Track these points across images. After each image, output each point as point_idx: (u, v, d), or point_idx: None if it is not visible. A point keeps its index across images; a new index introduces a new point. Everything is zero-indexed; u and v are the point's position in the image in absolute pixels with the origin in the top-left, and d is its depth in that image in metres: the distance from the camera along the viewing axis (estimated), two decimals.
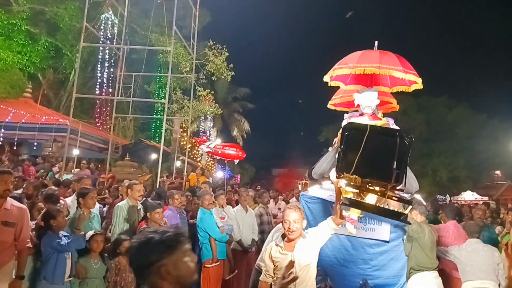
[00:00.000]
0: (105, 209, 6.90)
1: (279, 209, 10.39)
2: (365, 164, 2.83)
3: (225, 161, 12.57)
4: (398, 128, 4.29)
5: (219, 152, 11.47)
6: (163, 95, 19.08)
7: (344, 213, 3.15)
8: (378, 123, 3.92)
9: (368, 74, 4.40)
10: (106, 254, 4.58)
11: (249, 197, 7.45)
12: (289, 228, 3.19)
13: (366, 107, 4.10)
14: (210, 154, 18.04)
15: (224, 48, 16.11)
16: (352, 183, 2.89)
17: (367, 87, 4.57)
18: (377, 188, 2.91)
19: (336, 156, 3.22)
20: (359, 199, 2.99)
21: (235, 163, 18.23)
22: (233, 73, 16.82)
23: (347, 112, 5.07)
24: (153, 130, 23.39)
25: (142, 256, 1.68)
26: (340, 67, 4.36)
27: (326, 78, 4.61)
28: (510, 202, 20.25)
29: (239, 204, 7.03)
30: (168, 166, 15.14)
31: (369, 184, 2.88)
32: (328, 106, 5.86)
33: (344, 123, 4.57)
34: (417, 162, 21.71)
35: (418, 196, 5.31)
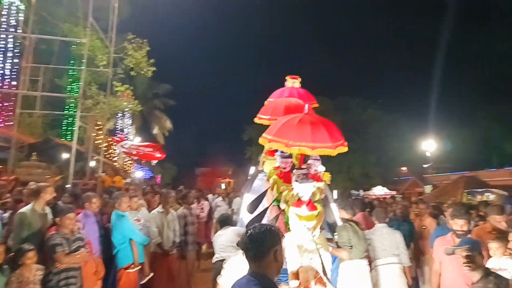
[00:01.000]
0: (6, 215, 6.14)
1: (202, 209, 10.22)
2: None
3: (142, 161, 12.06)
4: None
5: (134, 152, 10.94)
6: (76, 89, 17.74)
7: None
8: (314, 213, 4.37)
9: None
10: (6, 266, 4.07)
11: (172, 198, 7.20)
12: None
13: (304, 196, 4.42)
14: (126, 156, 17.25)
15: (145, 42, 15.44)
16: None
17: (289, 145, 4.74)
18: None
19: None
20: None
21: (152, 164, 17.60)
22: (154, 68, 16.17)
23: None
24: (64, 128, 21.62)
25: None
26: (276, 140, 4.63)
27: (262, 142, 4.88)
28: (414, 196, 22.23)
29: (160, 206, 6.76)
30: (81, 167, 14.12)
31: None
32: (256, 121, 5.97)
33: (277, 161, 5.15)
34: (334, 159, 22.82)
35: (335, 192, 5.89)
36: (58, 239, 4.29)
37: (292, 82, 6.21)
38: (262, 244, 2.20)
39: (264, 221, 4.67)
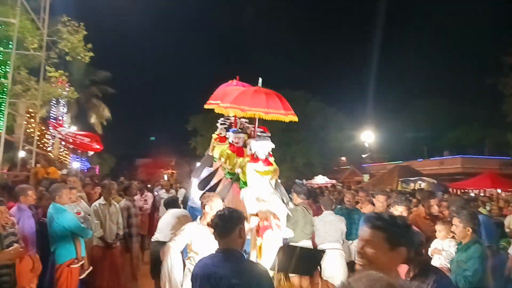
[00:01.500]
0: None
1: (146, 200, 9.91)
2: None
3: (79, 151, 11.41)
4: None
5: (71, 140, 10.28)
6: (2, 74, 16.28)
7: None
8: (270, 169, 4.73)
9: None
10: None
11: (115, 190, 6.89)
12: None
13: (261, 154, 4.69)
14: (63, 143, 16.18)
15: (82, 26, 14.48)
16: None
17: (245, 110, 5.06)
18: None
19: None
20: None
21: (89, 155, 16.67)
22: (91, 54, 15.24)
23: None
24: None
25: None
26: (232, 107, 4.94)
27: (218, 110, 5.36)
28: (353, 184, 23.26)
29: (101, 198, 6.43)
30: (11, 157, 13.06)
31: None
32: (206, 107, 6.16)
33: (228, 136, 5.60)
34: (277, 150, 23.18)
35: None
36: None
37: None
38: (229, 222, 2.62)
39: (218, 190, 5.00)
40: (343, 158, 33.58)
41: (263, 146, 4.71)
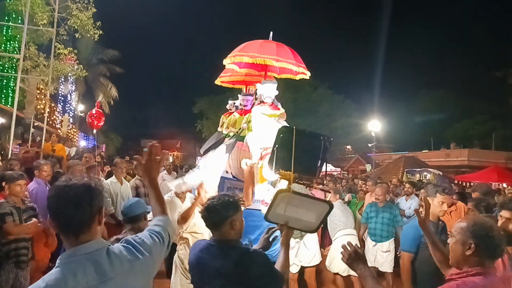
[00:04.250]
0: None
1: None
2: (296, 162, 3.20)
3: (94, 130, 11.41)
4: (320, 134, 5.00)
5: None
6: (11, 49, 16.22)
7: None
8: (277, 112, 4.53)
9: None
10: None
11: (125, 168, 6.93)
12: None
13: (267, 97, 4.51)
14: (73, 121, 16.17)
15: (91, 3, 14.35)
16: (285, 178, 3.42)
17: (259, 71, 5.11)
18: (305, 181, 3.67)
19: (271, 156, 3.66)
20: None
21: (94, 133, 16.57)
22: (101, 32, 15.13)
23: (230, 89, 6.05)
24: None
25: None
26: (241, 54, 4.73)
27: (226, 61, 4.98)
28: (357, 172, 23.31)
29: (113, 176, 6.48)
30: (21, 133, 13.12)
31: (298, 178, 3.41)
32: (216, 82, 6.04)
33: (237, 102, 5.35)
34: None
35: None
36: (7, 208, 3.97)
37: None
38: (218, 214, 2.32)
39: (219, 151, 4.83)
40: (349, 147, 33.53)
41: (269, 89, 4.59)
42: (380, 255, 5.71)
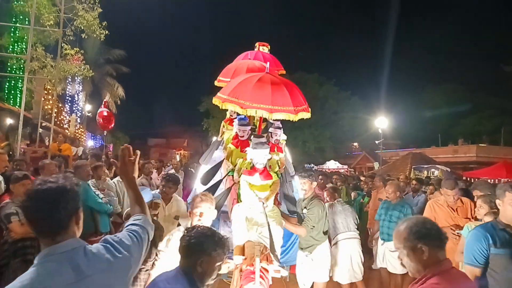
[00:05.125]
0: None
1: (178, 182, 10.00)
2: None
3: (103, 130, 11.50)
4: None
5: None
6: (18, 51, 16.36)
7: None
8: (268, 182, 3.93)
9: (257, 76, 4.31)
10: None
11: None
12: None
13: (258, 164, 3.93)
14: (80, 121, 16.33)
15: (97, 3, 14.42)
16: None
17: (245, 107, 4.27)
18: None
19: None
20: None
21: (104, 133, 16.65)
22: (107, 32, 15.20)
23: None
24: (6, 91, 20.06)
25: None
26: (230, 101, 4.14)
27: (215, 101, 4.46)
28: (364, 170, 23.21)
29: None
30: (29, 133, 13.26)
31: None
32: (216, 83, 5.69)
33: (234, 128, 4.83)
34: (290, 134, 23.20)
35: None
36: (12, 208, 4.01)
37: (262, 49, 6.08)
38: (189, 251, 2.18)
39: (218, 192, 4.42)
40: (356, 144, 33.41)
41: (260, 155, 3.93)
42: (389, 255, 5.55)
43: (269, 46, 6.12)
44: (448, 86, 33.39)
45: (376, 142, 24.98)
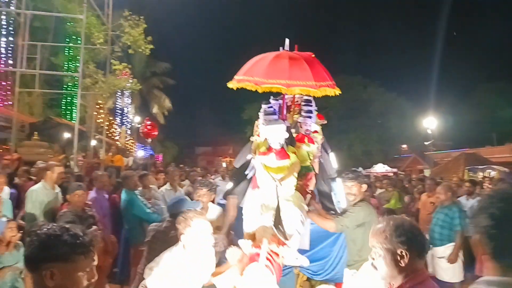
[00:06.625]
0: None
1: (215, 188, 10.19)
2: None
3: (148, 139, 11.95)
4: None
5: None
6: (73, 68, 17.42)
7: None
8: (285, 163, 3.47)
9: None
10: (20, 242, 4.06)
11: (178, 176, 7.18)
12: None
13: (273, 143, 3.49)
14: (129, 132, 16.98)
15: (142, 19, 15.07)
16: None
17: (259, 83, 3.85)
18: None
19: None
20: None
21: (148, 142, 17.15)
22: (151, 46, 15.83)
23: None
24: (63, 107, 21.41)
25: (43, 250, 1.53)
26: (245, 79, 3.79)
27: (232, 85, 3.99)
28: (414, 173, 22.35)
29: (167, 184, 6.72)
30: (83, 146, 14.02)
31: None
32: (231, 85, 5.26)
33: (260, 120, 4.10)
34: (334, 137, 22.87)
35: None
36: (70, 217, 4.24)
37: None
38: (36, 265, 1.56)
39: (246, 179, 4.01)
40: (404, 146, 32.27)
41: (275, 131, 3.50)
42: (436, 261, 5.31)
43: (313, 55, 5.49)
44: (502, 83, 31.52)
45: (426, 143, 24.03)
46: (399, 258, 1.76)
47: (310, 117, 4.16)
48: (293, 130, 3.96)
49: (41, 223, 4.17)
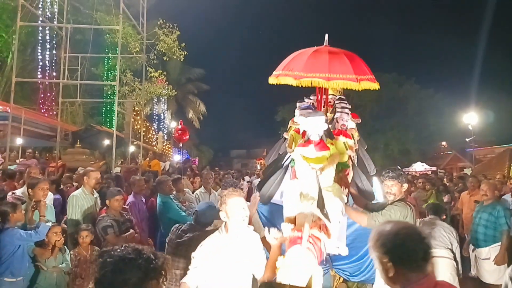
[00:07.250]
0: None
1: (241, 189, 10.30)
2: None
3: (181, 144, 12.24)
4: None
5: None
6: (112, 77, 18.13)
7: None
8: (325, 154, 3.40)
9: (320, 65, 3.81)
10: (64, 246, 4.28)
11: (212, 179, 7.27)
12: None
13: (313, 135, 3.44)
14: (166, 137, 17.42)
15: (175, 27, 15.45)
16: None
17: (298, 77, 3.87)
18: None
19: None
20: None
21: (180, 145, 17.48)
22: (185, 52, 16.19)
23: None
24: (103, 115, 22.32)
25: (116, 274, 1.48)
26: (284, 74, 3.80)
27: (272, 81, 4.02)
28: (455, 171, 21.53)
29: (202, 187, 6.85)
30: (122, 152, 14.53)
31: None
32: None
33: (296, 117, 4.25)
34: (369, 137, 22.43)
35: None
36: (108, 221, 4.43)
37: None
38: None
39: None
40: (444, 143, 31.06)
41: (314, 123, 3.43)
42: (479, 263, 5.08)
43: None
44: None
45: (467, 139, 22.95)
46: (385, 267, 1.66)
47: (346, 113, 4.13)
48: (330, 126, 3.83)
49: (83, 227, 4.38)
